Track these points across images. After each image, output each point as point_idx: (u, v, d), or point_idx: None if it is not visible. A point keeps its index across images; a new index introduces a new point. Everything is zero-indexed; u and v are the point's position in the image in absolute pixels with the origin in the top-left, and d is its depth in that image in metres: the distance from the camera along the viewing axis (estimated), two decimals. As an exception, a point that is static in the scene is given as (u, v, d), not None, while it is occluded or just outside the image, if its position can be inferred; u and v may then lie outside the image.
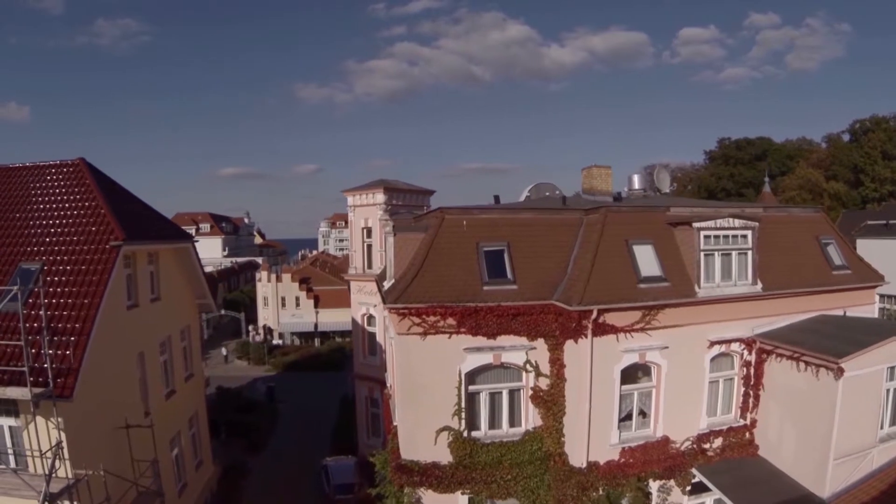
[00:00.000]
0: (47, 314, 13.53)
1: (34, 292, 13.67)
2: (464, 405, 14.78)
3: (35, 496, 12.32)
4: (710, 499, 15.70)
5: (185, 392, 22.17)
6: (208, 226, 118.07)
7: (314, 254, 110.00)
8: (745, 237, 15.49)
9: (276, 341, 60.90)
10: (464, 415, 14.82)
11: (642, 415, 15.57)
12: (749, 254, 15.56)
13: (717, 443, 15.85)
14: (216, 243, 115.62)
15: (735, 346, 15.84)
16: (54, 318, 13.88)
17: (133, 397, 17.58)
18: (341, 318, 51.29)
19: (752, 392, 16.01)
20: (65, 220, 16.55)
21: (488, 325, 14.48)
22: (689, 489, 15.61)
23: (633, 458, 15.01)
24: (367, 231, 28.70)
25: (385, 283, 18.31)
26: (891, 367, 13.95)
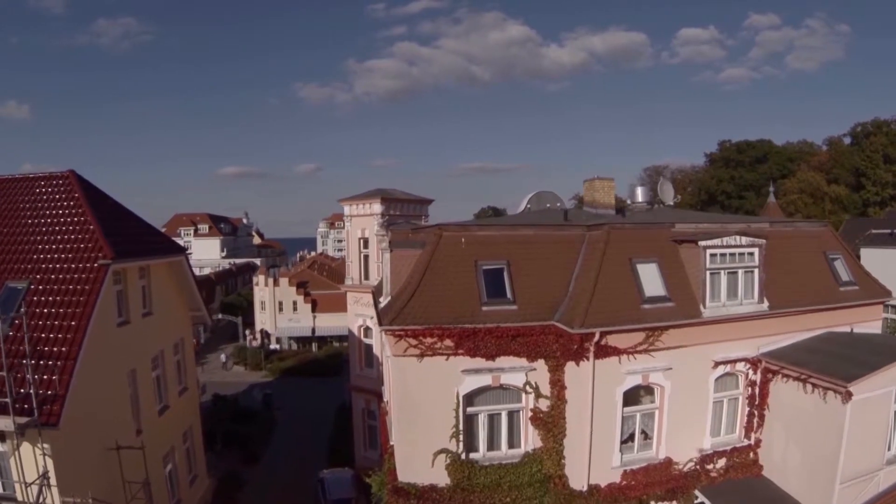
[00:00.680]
0: (33, 337, 13.13)
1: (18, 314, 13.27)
2: (462, 427, 14.41)
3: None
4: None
5: (178, 406, 21.79)
6: (207, 227, 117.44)
7: (312, 255, 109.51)
8: (751, 255, 15.11)
9: (273, 346, 60.52)
10: (462, 437, 14.46)
11: (644, 436, 15.22)
12: (756, 272, 15.17)
13: (721, 463, 15.52)
14: (214, 244, 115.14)
15: (740, 366, 15.48)
16: (40, 342, 13.50)
17: (124, 416, 17.20)
18: (339, 323, 50.75)
19: (756, 412, 15.68)
20: (53, 237, 16.15)
21: (487, 346, 14.10)
22: (691, 511, 15.25)
23: (634, 481, 14.66)
24: (364, 241, 28.24)
25: (381, 299, 17.91)
26: (899, 389, 13.59)
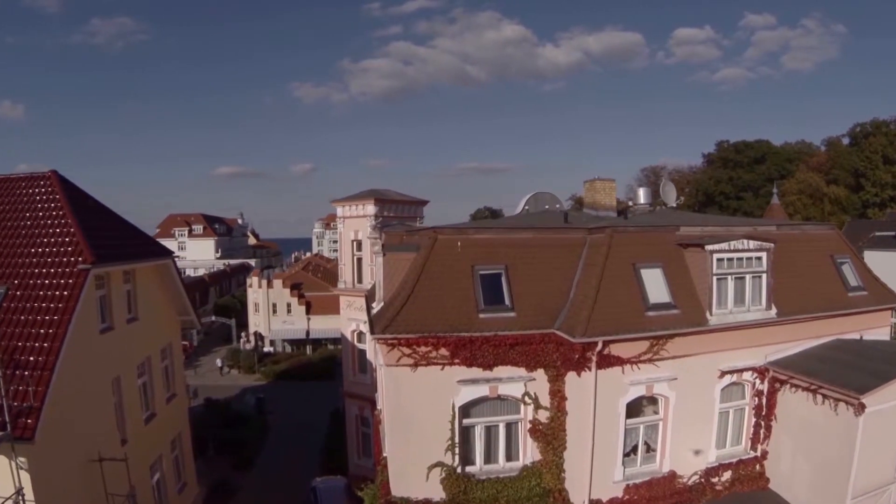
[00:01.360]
0: (8, 345, 12.51)
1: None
2: (457, 440, 13.81)
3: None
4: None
5: (166, 414, 21.17)
6: (201, 227, 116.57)
7: (307, 256, 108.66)
8: (759, 259, 14.53)
9: (266, 349, 59.81)
10: (457, 450, 13.86)
11: (647, 448, 14.65)
12: (763, 277, 14.59)
13: (727, 476, 14.96)
14: (209, 245, 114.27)
15: (747, 376, 14.92)
16: (16, 350, 12.84)
17: (108, 426, 16.59)
18: (334, 325, 49.88)
19: (763, 423, 15.12)
20: (32, 240, 15.50)
21: (484, 355, 13.49)
22: (696, 526, 14.68)
23: (637, 496, 14.08)
24: (357, 244, 27.54)
25: (374, 304, 17.29)
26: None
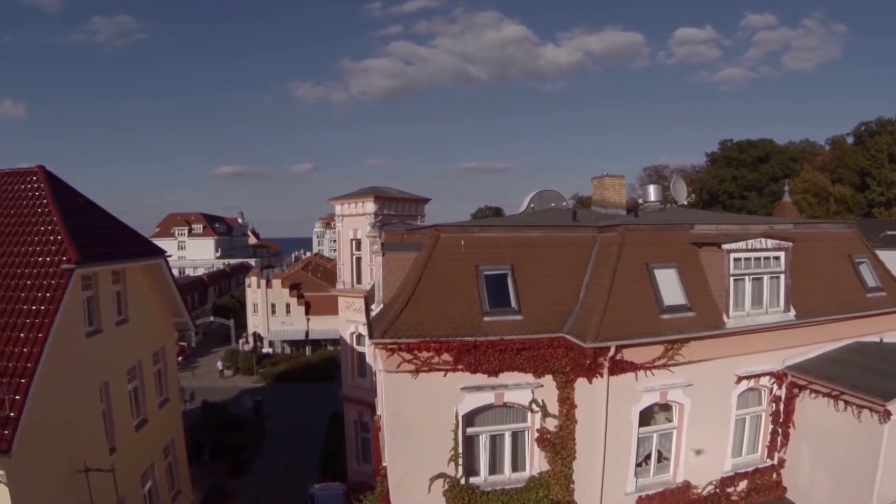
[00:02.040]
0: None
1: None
2: (461, 449, 13.08)
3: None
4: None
5: (158, 420, 20.43)
6: (201, 226, 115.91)
7: (307, 256, 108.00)
8: (777, 259, 13.83)
9: (265, 350, 59.09)
10: (461, 460, 13.14)
11: (660, 457, 13.95)
12: (782, 277, 13.89)
13: (742, 486, 14.29)
14: (209, 244, 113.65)
15: (764, 381, 14.22)
16: (-7, 356, 12.14)
17: (95, 434, 15.86)
18: (333, 326, 49.16)
19: (780, 430, 14.44)
20: (15, 238, 14.79)
21: (489, 361, 12.77)
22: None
23: (650, 507, 13.40)
24: (357, 243, 26.78)
25: (373, 305, 16.57)
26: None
